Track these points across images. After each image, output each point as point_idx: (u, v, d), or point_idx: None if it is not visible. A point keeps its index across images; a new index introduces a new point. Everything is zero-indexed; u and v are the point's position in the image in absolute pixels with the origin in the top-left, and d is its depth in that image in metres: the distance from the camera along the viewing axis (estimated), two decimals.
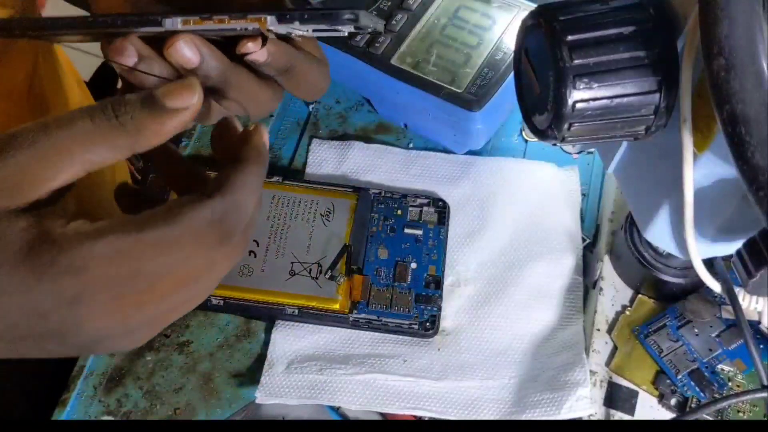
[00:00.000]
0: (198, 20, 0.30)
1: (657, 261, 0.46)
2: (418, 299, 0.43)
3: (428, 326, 0.42)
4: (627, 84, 0.29)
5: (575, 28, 0.29)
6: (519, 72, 0.34)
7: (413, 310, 0.42)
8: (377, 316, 0.42)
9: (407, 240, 0.45)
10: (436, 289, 0.43)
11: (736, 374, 0.45)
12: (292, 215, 0.45)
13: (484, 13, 0.57)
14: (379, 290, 0.42)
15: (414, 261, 0.44)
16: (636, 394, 0.45)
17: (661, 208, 0.36)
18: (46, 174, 0.27)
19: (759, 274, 0.29)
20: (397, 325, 0.41)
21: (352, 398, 0.46)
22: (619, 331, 0.47)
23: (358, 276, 0.43)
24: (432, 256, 0.45)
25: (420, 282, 0.43)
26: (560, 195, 0.54)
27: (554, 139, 0.31)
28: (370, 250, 0.44)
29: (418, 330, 0.42)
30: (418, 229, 0.46)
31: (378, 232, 0.45)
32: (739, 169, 0.24)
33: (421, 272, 0.44)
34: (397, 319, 0.42)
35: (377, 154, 0.56)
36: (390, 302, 0.42)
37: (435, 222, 0.47)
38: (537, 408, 0.45)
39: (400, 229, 0.45)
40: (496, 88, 0.53)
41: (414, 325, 0.42)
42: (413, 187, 0.54)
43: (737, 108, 0.23)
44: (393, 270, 0.44)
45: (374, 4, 0.59)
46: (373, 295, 0.42)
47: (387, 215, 0.46)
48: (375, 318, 0.42)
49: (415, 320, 0.42)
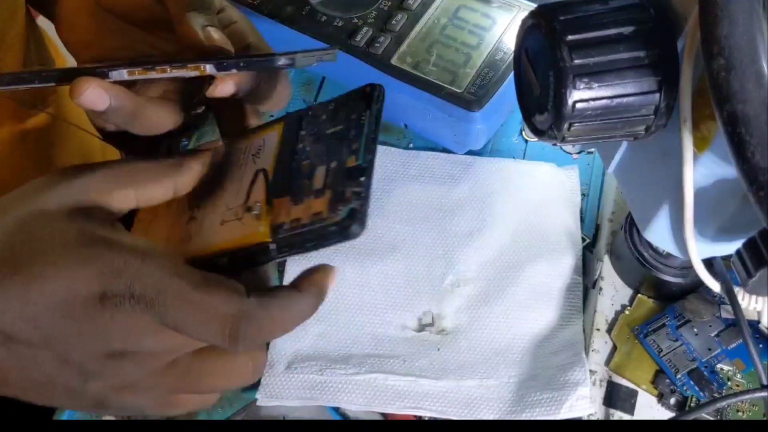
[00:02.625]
0: (141, 71, 0.34)
1: (657, 261, 0.46)
2: (335, 197, 0.34)
3: (348, 223, 0.33)
4: (627, 84, 0.29)
5: (575, 28, 0.29)
6: (519, 72, 0.34)
7: (327, 213, 0.34)
8: (296, 232, 0.34)
9: (329, 141, 0.37)
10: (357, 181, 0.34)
11: (736, 374, 0.45)
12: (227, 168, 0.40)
13: (484, 13, 0.57)
14: (296, 205, 0.35)
15: (335, 160, 0.36)
16: (635, 393, 0.45)
17: (661, 208, 0.36)
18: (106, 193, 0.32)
19: (758, 274, 0.29)
20: (317, 234, 0.34)
21: (352, 398, 0.46)
22: (619, 331, 0.47)
23: (277, 200, 0.36)
24: (353, 146, 0.36)
25: (338, 179, 0.35)
26: (560, 195, 0.54)
27: (554, 139, 0.31)
28: (296, 169, 0.37)
29: (339, 231, 0.33)
30: (340, 125, 0.38)
31: (303, 147, 0.37)
32: (739, 169, 0.24)
33: (341, 168, 0.36)
34: (314, 227, 0.34)
35: (377, 155, 0.56)
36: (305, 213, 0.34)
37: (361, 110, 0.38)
38: (537, 407, 0.45)
39: (322, 132, 0.38)
40: (496, 88, 0.54)
41: (332, 227, 0.33)
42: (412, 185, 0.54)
43: (737, 108, 0.23)
44: (310, 177, 0.36)
45: (374, 4, 0.59)
46: (290, 212, 0.35)
47: (312, 125, 0.38)
48: (294, 235, 0.34)
49: (332, 221, 0.33)
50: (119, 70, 0.34)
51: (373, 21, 0.58)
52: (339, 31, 0.58)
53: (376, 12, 0.58)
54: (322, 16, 0.59)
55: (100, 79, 0.33)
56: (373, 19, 0.58)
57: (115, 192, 0.32)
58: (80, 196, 0.31)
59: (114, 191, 0.32)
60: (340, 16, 0.59)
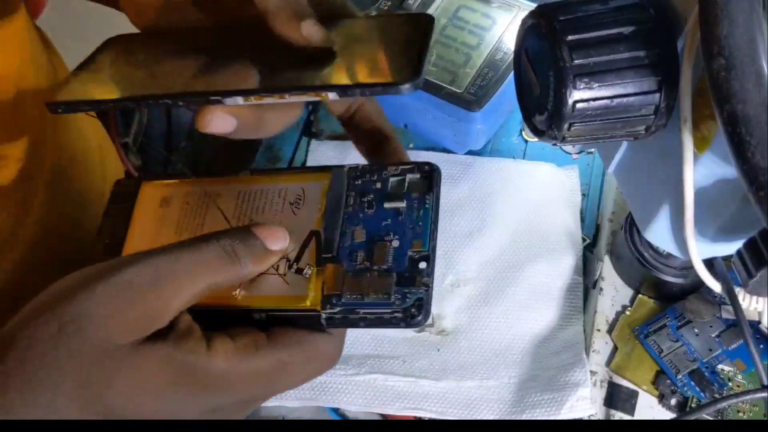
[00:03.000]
0: (258, 97, 0.33)
1: (657, 261, 0.46)
2: (401, 282, 0.34)
3: (414, 312, 0.33)
4: (627, 84, 0.29)
5: (575, 28, 0.29)
6: (519, 72, 0.34)
7: (393, 296, 0.34)
8: (354, 308, 0.34)
9: (387, 215, 0.37)
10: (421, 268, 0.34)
11: (736, 374, 0.45)
12: (258, 210, 0.39)
13: (484, 13, 0.57)
14: (354, 278, 0.34)
15: (395, 238, 0.36)
16: (636, 394, 0.45)
17: (661, 208, 0.36)
18: (172, 307, 0.29)
19: (759, 274, 0.29)
20: (377, 316, 0.33)
21: (352, 399, 0.46)
22: (619, 331, 0.47)
23: (330, 266, 0.35)
24: (417, 229, 0.36)
25: (403, 261, 0.35)
26: (560, 195, 0.54)
27: (554, 139, 0.31)
28: (346, 235, 0.36)
29: (403, 318, 0.33)
30: (400, 200, 0.37)
31: (354, 211, 0.37)
32: (739, 169, 0.24)
33: (405, 250, 0.35)
34: (376, 309, 0.33)
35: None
36: (367, 289, 0.34)
37: (420, 189, 0.38)
38: (537, 408, 0.45)
39: (379, 203, 0.37)
40: (496, 88, 0.53)
41: (397, 314, 0.33)
42: None
43: (737, 108, 0.23)
44: (369, 251, 0.35)
45: (374, 4, 0.59)
46: (347, 285, 0.34)
47: (365, 191, 0.38)
48: (351, 311, 0.34)
49: (398, 307, 0.33)
50: (234, 97, 0.33)
51: None
52: None
53: (376, 12, 0.58)
54: None
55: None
56: None
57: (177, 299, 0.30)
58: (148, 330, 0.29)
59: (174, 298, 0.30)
60: None
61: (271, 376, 0.31)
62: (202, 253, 0.30)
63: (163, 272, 0.29)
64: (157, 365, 0.28)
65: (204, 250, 0.30)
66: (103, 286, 0.28)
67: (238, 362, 0.30)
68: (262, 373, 0.31)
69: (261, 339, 0.31)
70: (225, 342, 0.30)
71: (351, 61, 0.36)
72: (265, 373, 0.31)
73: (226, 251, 0.31)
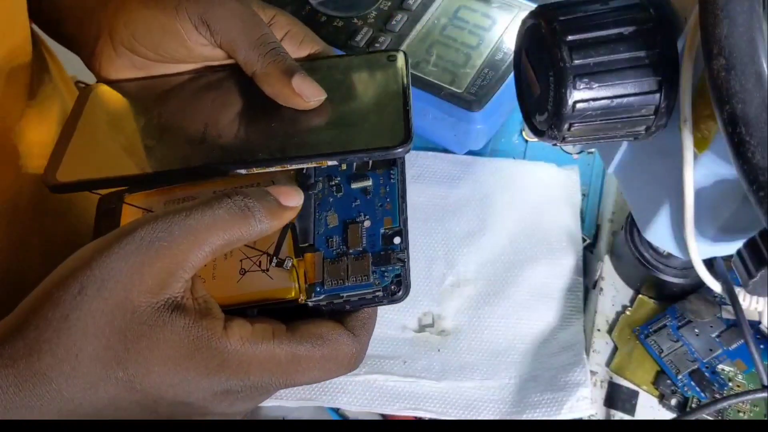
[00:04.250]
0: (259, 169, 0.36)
1: (657, 261, 0.46)
2: (377, 261, 0.35)
3: (394, 289, 0.34)
4: (627, 84, 0.29)
5: (575, 28, 0.29)
6: (519, 72, 0.34)
7: (372, 276, 0.35)
8: (337, 294, 0.35)
9: (356, 196, 0.38)
10: (396, 243, 0.35)
11: (737, 374, 0.45)
12: None
13: (484, 13, 0.57)
14: (333, 264, 0.35)
15: (366, 218, 0.37)
16: (636, 394, 0.45)
17: (662, 208, 0.36)
18: (188, 263, 0.30)
19: (759, 274, 0.29)
20: (360, 297, 0.35)
21: (352, 399, 0.46)
22: (620, 332, 0.47)
23: (309, 254, 0.36)
24: (385, 205, 0.37)
25: (377, 240, 0.36)
26: (560, 195, 0.54)
27: (554, 139, 0.31)
28: (320, 221, 0.37)
29: (385, 296, 0.34)
30: (365, 179, 0.38)
31: (324, 197, 0.37)
32: (739, 169, 0.24)
33: (377, 229, 0.36)
34: (358, 291, 0.35)
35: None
36: (346, 274, 0.35)
37: (384, 166, 0.38)
38: (537, 408, 0.45)
39: (346, 185, 0.38)
40: (496, 88, 0.53)
41: (378, 292, 0.34)
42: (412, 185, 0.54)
43: (737, 108, 0.23)
44: (344, 234, 0.36)
45: (374, 4, 0.59)
46: (327, 272, 0.35)
47: (331, 174, 0.38)
48: (335, 296, 0.35)
49: (378, 286, 0.35)
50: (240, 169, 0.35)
51: (373, 21, 0.58)
52: (339, 31, 0.58)
53: (376, 12, 0.58)
54: (322, 17, 0.59)
55: None
56: (373, 20, 0.58)
57: (192, 259, 0.30)
58: (166, 290, 0.29)
59: (190, 260, 0.30)
60: (340, 17, 0.59)
61: (286, 367, 0.31)
62: (214, 209, 0.30)
63: (177, 229, 0.29)
64: (174, 336, 0.29)
65: (216, 206, 0.30)
66: (118, 247, 0.29)
67: (251, 346, 0.30)
68: (277, 361, 0.31)
69: (280, 329, 0.32)
70: (243, 326, 0.31)
71: (345, 123, 0.37)
72: (279, 362, 0.31)
73: (238, 206, 0.31)
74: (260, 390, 0.32)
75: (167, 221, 0.29)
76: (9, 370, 0.27)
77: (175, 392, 0.29)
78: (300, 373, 0.32)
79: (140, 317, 0.28)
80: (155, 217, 0.30)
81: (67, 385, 0.28)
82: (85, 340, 0.28)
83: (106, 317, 0.28)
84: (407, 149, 0.35)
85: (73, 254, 0.30)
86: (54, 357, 0.28)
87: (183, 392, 0.30)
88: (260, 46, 0.38)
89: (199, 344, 0.29)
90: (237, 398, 0.31)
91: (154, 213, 0.31)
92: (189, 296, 0.30)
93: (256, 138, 0.37)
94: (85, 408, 0.29)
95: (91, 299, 0.28)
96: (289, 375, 0.31)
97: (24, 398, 0.28)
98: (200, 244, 0.30)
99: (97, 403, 0.29)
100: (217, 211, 0.30)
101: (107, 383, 0.28)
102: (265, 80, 0.38)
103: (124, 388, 0.29)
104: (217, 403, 0.31)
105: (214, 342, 0.29)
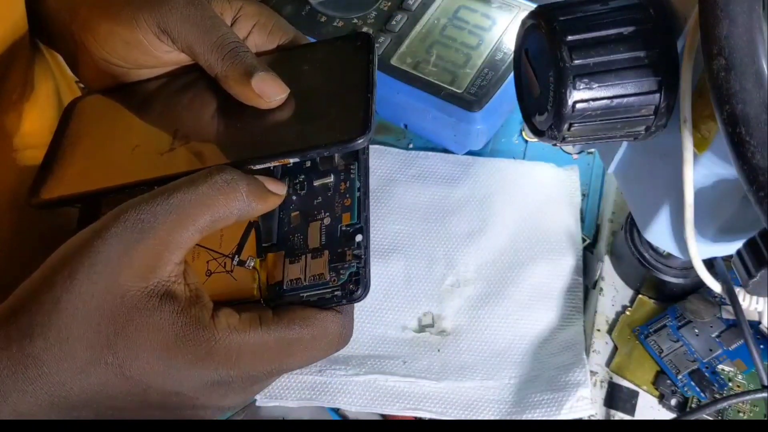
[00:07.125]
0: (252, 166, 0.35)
1: (657, 261, 0.46)
2: (333, 259, 0.34)
3: (352, 288, 0.33)
4: (627, 84, 0.29)
5: (575, 28, 0.29)
6: (519, 72, 0.34)
7: (329, 275, 0.34)
8: (296, 293, 0.34)
9: (318, 193, 0.36)
10: (357, 241, 0.34)
11: (737, 374, 0.45)
12: None
13: (484, 13, 0.57)
14: (292, 263, 0.34)
15: (326, 216, 0.36)
16: (636, 394, 0.45)
17: (662, 208, 0.36)
18: (173, 243, 0.30)
19: (759, 275, 0.29)
20: (319, 297, 0.33)
21: (352, 399, 0.46)
22: (620, 332, 0.47)
23: (271, 254, 0.35)
24: (345, 202, 0.36)
25: (335, 238, 0.35)
26: (560, 195, 0.54)
27: (554, 139, 0.31)
28: (284, 220, 0.36)
29: (343, 295, 0.33)
30: (327, 176, 0.37)
31: (288, 195, 0.36)
32: (739, 169, 0.24)
33: (335, 226, 0.35)
34: (316, 290, 0.33)
35: (377, 155, 0.57)
36: (304, 273, 0.34)
37: (349, 160, 0.37)
38: (537, 408, 0.45)
39: (309, 183, 0.37)
40: (496, 88, 0.53)
41: (336, 291, 0.33)
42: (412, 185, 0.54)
43: (737, 108, 0.23)
44: (305, 233, 0.35)
45: (374, 4, 0.59)
46: (287, 272, 0.34)
47: (296, 173, 0.37)
48: (294, 296, 0.34)
49: (335, 285, 0.33)
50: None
51: (373, 21, 0.58)
52: (339, 31, 0.58)
53: (376, 12, 0.58)
54: (322, 17, 0.59)
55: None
56: (373, 20, 0.58)
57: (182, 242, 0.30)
58: (155, 273, 0.29)
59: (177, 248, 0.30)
60: (339, 17, 0.59)
61: (276, 353, 0.31)
62: (197, 185, 0.30)
63: (160, 208, 0.29)
64: (162, 321, 0.29)
65: (201, 184, 0.30)
66: (105, 231, 0.29)
67: (239, 335, 0.30)
68: (267, 348, 0.31)
69: (266, 315, 0.32)
70: (230, 315, 0.31)
71: (306, 118, 0.37)
72: (269, 348, 0.31)
73: (224, 180, 0.31)
74: (252, 380, 0.32)
75: (151, 202, 0.30)
76: (2, 353, 0.28)
77: (164, 381, 0.29)
78: (291, 357, 0.32)
79: (130, 301, 0.29)
80: (141, 199, 0.30)
81: (58, 368, 0.28)
82: (75, 323, 0.28)
83: (96, 301, 0.28)
84: (366, 140, 0.34)
85: (69, 239, 0.30)
86: (45, 340, 0.28)
87: (172, 381, 0.29)
88: (218, 48, 0.37)
89: (186, 332, 0.29)
90: (229, 389, 0.31)
91: (141, 195, 0.31)
92: (182, 281, 0.30)
93: (225, 140, 0.37)
94: (76, 393, 0.29)
95: (81, 283, 0.28)
96: (281, 360, 0.31)
97: (16, 382, 0.28)
98: (184, 222, 0.30)
99: (88, 389, 0.29)
100: (200, 187, 0.30)
101: (97, 367, 0.28)
102: (226, 82, 0.37)
103: (114, 374, 0.29)
104: (208, 394, 0.31)
105: (201, 330, 0.29)
